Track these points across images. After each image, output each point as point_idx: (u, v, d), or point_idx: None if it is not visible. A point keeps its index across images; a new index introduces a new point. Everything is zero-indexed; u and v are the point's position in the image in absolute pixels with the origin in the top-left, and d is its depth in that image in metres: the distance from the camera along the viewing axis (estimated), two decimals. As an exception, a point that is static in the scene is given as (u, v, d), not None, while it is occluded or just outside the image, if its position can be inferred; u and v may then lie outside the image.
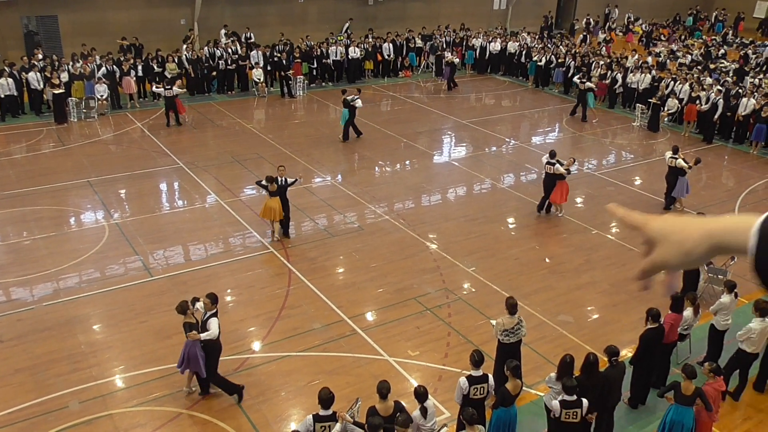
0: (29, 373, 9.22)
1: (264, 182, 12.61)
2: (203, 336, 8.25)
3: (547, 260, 12.85)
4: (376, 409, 7.06)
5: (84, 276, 11.71)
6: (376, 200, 15.19)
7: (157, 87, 20.20)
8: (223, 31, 25.89)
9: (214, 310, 8.48)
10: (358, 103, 18.52)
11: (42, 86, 20.11)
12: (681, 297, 9.03)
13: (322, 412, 6.89)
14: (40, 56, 21.38)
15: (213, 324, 8.34)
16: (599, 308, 11.29)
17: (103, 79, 20.71)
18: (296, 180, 13.01)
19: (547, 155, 14.37)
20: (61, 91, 19.59)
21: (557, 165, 13.93)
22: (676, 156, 14.72)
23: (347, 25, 28.96)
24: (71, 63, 21.00)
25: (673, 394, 7.73)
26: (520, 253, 13.03)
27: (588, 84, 21.78)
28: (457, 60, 26.34)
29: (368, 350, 9.91)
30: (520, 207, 15.19)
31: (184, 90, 20.54)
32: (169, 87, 19.48)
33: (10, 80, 19.63)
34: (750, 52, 29.55)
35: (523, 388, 8.05)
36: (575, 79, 22.59)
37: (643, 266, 1.58)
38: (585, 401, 7.29)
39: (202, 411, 8.59)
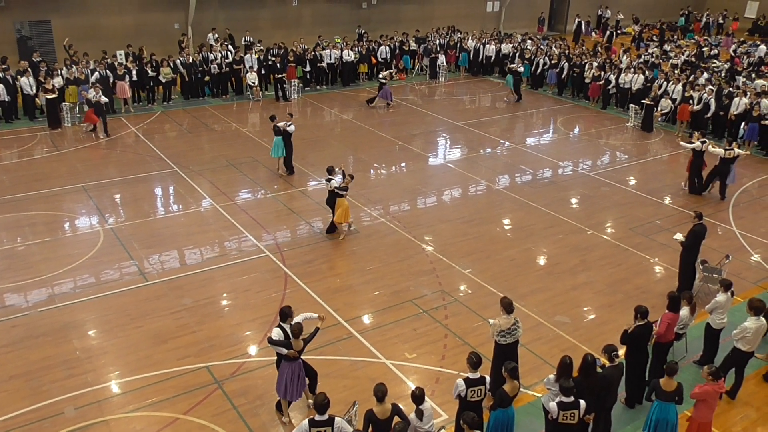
0: (24, 379, 9.17)
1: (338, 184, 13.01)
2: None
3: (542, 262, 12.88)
4: (373, 412, 7.05)
5: (79, 281, 11.66)
6: (372, 203, 15.18)
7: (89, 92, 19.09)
8: (210, 35, 25.85)
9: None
10: (291, 128, 16.22)
11: (35, 91, 20.06)
12: (677, 296, 9.05)
13: (317, 417, 6.87)
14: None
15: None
16: (595, 308, 11.30)
17: (97, 84, 20.64)
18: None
19: (697, 135, 16.21)
20: (54, 96, 19.54)
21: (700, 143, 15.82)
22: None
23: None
24: (64, 68, 20.95)
25: (654, 393, 7.75)
26: (516, 254, 13.04)
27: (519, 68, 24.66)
28: (388, 80, 23.44)
29: (365, 353, 9.90)
30: (515, 208, 15.21)
31: (105, 100, 19.40)
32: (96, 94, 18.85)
33: (1, 86, 19.55)
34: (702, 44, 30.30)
35: (521, 389, 8.05)
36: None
37: None
38: (582, 402, 7.29)
39: (198, 416, 8.55)
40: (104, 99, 19.18)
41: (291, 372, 8.21)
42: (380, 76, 23.20)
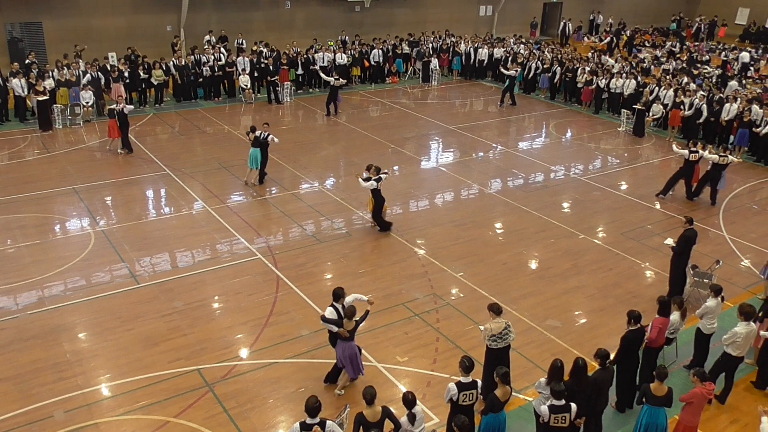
0: (13, 382, 9.10)
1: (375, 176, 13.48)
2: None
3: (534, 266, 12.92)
4: (363, 415, 7.04)
5: (69, 284, 11.59)
6: (364, 206, 15.16)
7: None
8: (207, 38, 25.81)
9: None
10: (274, 139, 15.89)
11: (26, 93, 19.96)
12: (668, 301, 9.09)
13: (309, 420, 6.86)
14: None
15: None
16: (586, 312, 11.34)
17: (89, 86, 20.57)
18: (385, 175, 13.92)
19: (689, 145, 16.01)
20: (45, 98, 19.44)
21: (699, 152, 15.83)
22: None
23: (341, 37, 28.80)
24: (56, 69, 20.84)
25: (645, 397, 7.79)
26: (508, 258, 13.07)
27: (510, 72, 24.58)
28: (344, 82, 23.19)
29: (357, 356, 9.88)
30: (507, 212, 15.25)
31: (130, 107, 18.17)
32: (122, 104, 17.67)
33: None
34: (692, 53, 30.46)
35: (512, 393, 8.06)
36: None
37: None
38: (573, 406, 7.32)
39: (189, 419, 8.51)
40: (129, 108, 17.82)
41: (350, 351, 8.73)
42: (341, 82, 22.47)
